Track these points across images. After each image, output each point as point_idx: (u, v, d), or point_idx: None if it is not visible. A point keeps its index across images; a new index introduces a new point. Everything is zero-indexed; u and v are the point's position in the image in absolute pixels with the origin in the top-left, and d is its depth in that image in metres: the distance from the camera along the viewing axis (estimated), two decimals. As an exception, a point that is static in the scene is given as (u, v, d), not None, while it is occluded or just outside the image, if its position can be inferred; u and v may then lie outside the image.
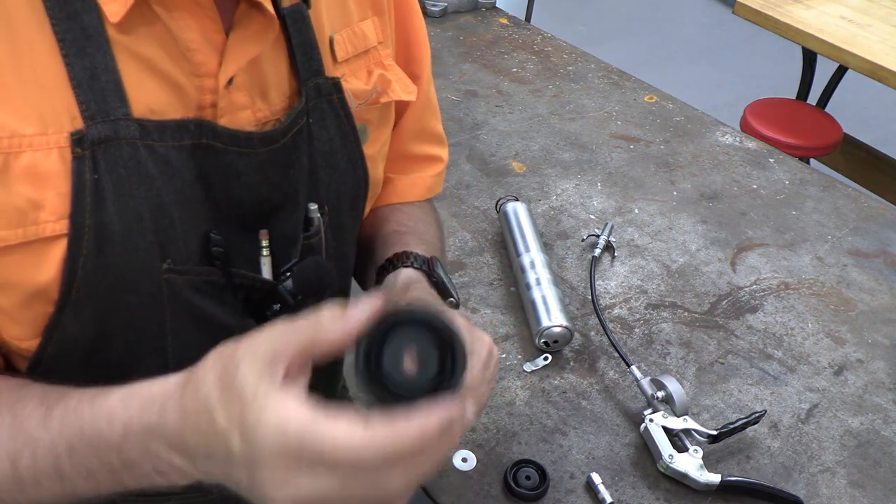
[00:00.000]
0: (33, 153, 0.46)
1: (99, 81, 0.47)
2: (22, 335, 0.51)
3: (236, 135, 0.54)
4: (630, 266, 1.27)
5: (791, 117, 2.62)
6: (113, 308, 0.51)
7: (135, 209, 0.50)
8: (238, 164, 0.55)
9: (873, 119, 3.60)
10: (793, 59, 3.01)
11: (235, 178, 0.55)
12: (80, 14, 0.47)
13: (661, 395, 0.98)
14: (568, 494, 0.90)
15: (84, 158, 0.47)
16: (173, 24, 0.51)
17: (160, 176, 0.51)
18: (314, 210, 0.61)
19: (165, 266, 0.52)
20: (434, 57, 1.85)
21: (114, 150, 0.48)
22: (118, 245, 0.49)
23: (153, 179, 0.50)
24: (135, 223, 0.50)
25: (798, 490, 0.94)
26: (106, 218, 0.48)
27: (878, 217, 1.45)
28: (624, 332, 1.14)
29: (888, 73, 2.16)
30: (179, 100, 0.52)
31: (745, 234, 1.37)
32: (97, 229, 0.48)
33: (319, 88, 0.60)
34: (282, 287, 0.59)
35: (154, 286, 0.52)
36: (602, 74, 1.86)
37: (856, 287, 1.27)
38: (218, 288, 0.56)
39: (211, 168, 0.53)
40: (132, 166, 0.49)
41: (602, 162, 1.53)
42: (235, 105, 0.55)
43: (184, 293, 0.54)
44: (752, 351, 1.13)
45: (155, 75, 0.51)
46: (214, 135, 0.53)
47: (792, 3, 2.54)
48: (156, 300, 0.53)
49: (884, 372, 1.12)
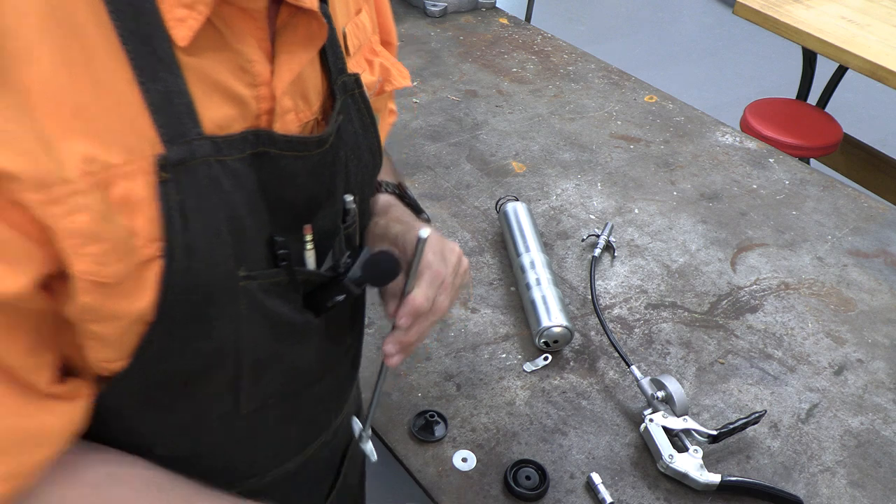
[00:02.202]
0: (125, 182, 0.47)
1: (173, 104, 0.48)
2: (112, 357, 0.52)
3: (292, 140, 0.56)
4: (630, 266, 1.27)
5: (791, 117, 2.62)
6: (196, 320, 0.53)
7: (214, 224, 0.51)
8: (293, 168, 0.56)
9: (873, 119, 3.61)
10: (793, 59, 3.01)
11: (290, 181, 0.57)
12: (152, 39, 0.47)
13: (661, 395, 0.98)
14: (568, 494, 0.90)
15: (168, 181, 0.48)
16: (233, 39, 0.51)
17: (232, 189, 0.52)
18: (350, 202, 0.64)
19: (242, 274, 0.54)
20: (434, 57, 1.85)
21: (192, 169, 0.49)
22: (203, 260, 0.51)
23: (227, 193, 0.52)
24: (215, 237, 0.51)
25: (798, 490, 0.94)
26: (192, 236, 0.50)
27: (878, 217, 1.45)
28: (624, 332, 1.14)
29: (888, 73, 2.16)
30: (241, 112, 0.53)
31: (745, 234, 1.37)
32: (185, 248, 0.49)
33: (346, 85, 0.62)
34: (347, 279, 0.62)
35: (232, 295, 0.54)
36: (602, 74, 1.86)
37: (856, 287, 1.27)
38: (283, 287, 0.58)
39: (267, 174, 0.55)
40: (209, 183, 0.50)
41: (602, 162, 1.53)
42: (284, 109, 0.56)
43: (257, 297, 0.56)
44: (752, 351, 1.13)
45: (219, 91, 0.52)
46: (272, 142, 0.54)
47: (792, 3, 2.54)
48: (234, 307, 0.55)
49: (884, 372, 1.12)
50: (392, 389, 1.01)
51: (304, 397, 0.68)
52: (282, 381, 0.64)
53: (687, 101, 1.79)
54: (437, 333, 1.09)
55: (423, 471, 0.91)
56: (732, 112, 2.67)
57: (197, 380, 0.57)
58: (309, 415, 0.72)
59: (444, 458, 0.93)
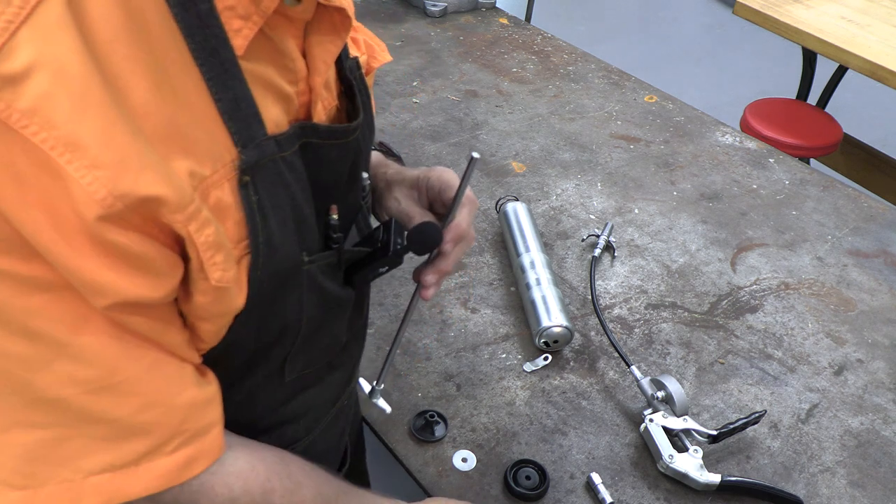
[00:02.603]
0: (216, 191, 0.50)
1: (241, 111, 0.51)
2: (205, 348, 0.57)
3: (333, 129, 0.60)
4: (630, 266, 1.27)
5: (791, 117, 2.62)
6: (272, 304, 0.58)
7: (284, 217, 0.56)
8: (330, 154, 0.61)
9: (873, 119, 3.60)
10: (793, 59, 3.01)
11: (328, 166, 0.61)
12: (218, 50, 0.50)
13: (661, 395, 0.98)
14: (568, 494, 0.90)
15: (248, 183, 0.52)
16: (278, 42, 0.55)
17: (293, 181, 0.56)
18: (366, 178, 0.69)
19: (305, 259, 0.59)
20: (434, 57, 1.85)
21: (263, 169, 0.53)
22: (279, 252, 0.55)
23: (290, 186, 0.56)
24: (286, 229, 0.56)
25: (798, 490, 0.94)
26: (270, 231, 0.54)
27: (878, 217, 1.45)
28: (624, 332, 1.14)
29: (888, 73, 2.16)
30: (288, 107, 0.57)
31: (745, 234, 1.37)
32: (266, 243, 0.54)
33: (351, 69, 0.66)
34: (393, 251, 0.66)
35: (298, 278, 0.59)
36: (602, 74, 1.86)
37: (856, 287, 1.27)
38: (333, 267, 0.63)
39: (312, 162, 0.59)
40: (277, 180, 0.55)
41: (602, 162, 1.53)
42: (318, 98, 0.60)
43: (317, 278, 0.61)
44: (752, 351, 1.13)
45: (272, 91, 0.55)
46: (315, 132, 0.58)
47: (792, 3, 2.54)
48: (299, 289, 0.60)
49: (884, 372, 1.12)
50: (392, 389, 1.01)
51: (335, 364, 0.74)
52: (320, 349, 0.69)
53: (687, 101, 1.79)
54: (437, 333, 1.09)
55: (423, 471, 0.91)
56: (732, 112, 2.67)
57: (260, 356, 0.61)
58: (337, 380, 0.76)
59: (444, 458, 0.93)
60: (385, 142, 0.91)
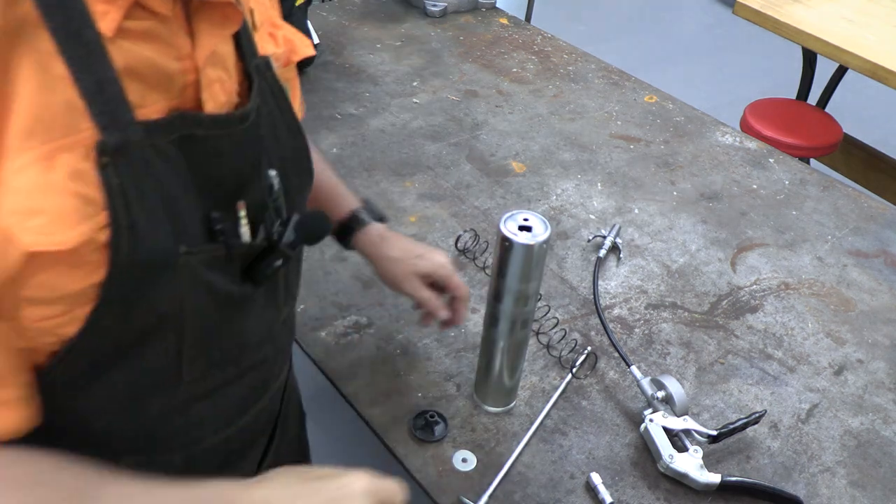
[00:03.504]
0: (68, 156, 0.50)
1: (105, 94, 0.51)
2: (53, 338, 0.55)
3: (217, 118, 0.59)
4: (630, 266, 1.27)
5: (791, 117, 2.62)
6: (139, 293, 0.56)
7: (152, 205, 0.54)
8: (220, 146, 0.60)
9: (873, 119, 3.60)
10: (793, 59, 3.01)
11: (217, 159, 0.61)
12: (81, 31, 0.50)
13: (661, 395, 0.98)
14: (568, 494, 0.90)
15: (108, 165, 0.51)
16: (156, 19, 0.55)
17: (165, 171, 0.56)
18: (273, 176, 0.67)
19: (182, 250, 0.57)
20: (434, 57, 1.85)
21: (128, 154, 0.53)
22: (146, 240, 0.54)
23: (161, 174, 0.55)
24: (154, 218, 0.55)
25: (798, 490, 0.94)
26: (133, 218, 0.53)
27: (878, 217, 1.45)
28: (624, 333, 1.14)
29: (888, 73, 2.16)
30: (169, 88, 0.57)
31: (745, 234, 1.37)
32: (129, 228, 0.53)
33: (258, 68, 0.66)
34: (282, 244, 0.66)
35: (173, 271, 0.57)
36: (602, 74, 1.86)
37: (856, 287, 1.27)
38: (221, 261, 0.62)
39: (197, 154, 0.58)
40: (144, 166, 0.54)
41: (602, 162, 1.53)
42: (210, 79, 0.60)
43: (198, 271, 0.59)
44: (752, 351, 1.13)
45: (148, 71, 0.55)
46: (198, 123, 0.58)
47: (792, 3, 2.54)
48: (175, 283, 0.58)
49: (884, 372, 1.12)
50: (392, 389, 1.01)
51: (244, 365, 0.71)
52: (224, 350, 0.67)
53: (687, 101, 1.79)
54: (437, 333, 1.09)
55: (423, 471, 0.91)
56: (732, 112, 2.67)
57: (140, 349, 0.59)
58: (249, 382, 0.74)
59: (444, 458, 0.93)
60: (368, 200, 1.00)
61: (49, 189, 0.49)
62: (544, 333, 1.10)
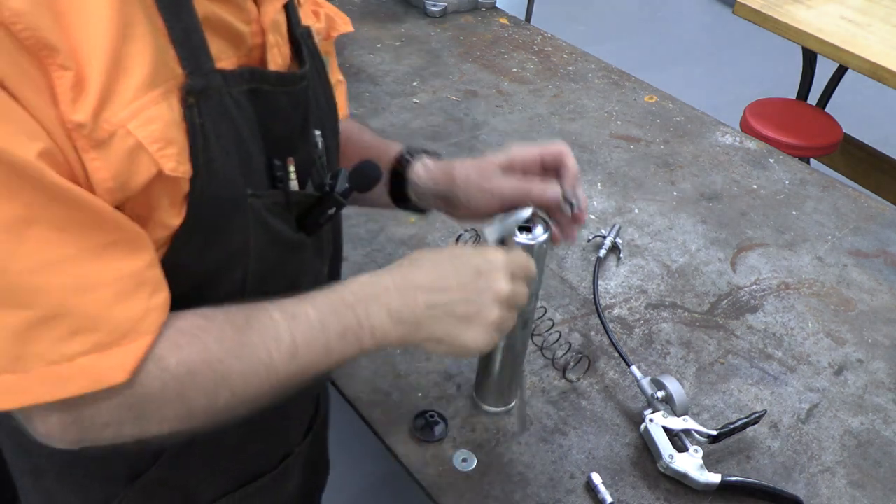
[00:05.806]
0: (164, 103, 0.55)
1: (191, 41, 0.57)
2: None
3: (283, 76, 0.66)
4: (630, 266, 1.27)
5: (791, 117, 2.62)
6: (215, 228, 0.61)
7: (226, 147, 0.59)
8: (281, 102, 0.66)
9: (873, 119, 3.60)
10: (793, 59, 3.01)
11: (278, 114, 0.66)
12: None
13: (661, 395, 0.98)
14: (568, 494, 0.90)
15: (192, 106, 0.57)
16: None
17: (238, 117, 0.61)
18: (318, 135, 0.73)
19: (249, 192, 0.62)
20: (434, 57, 1.85)
21: (209, 98, 0.58)
22: (220, 177, 0.59)
23: (234, 120, 0.60)
24: (228, 159, 0.60)
25: (798, 490, 0.94)
26: (211, 155, 0.58)
27: (878, 217, 1.45)
28: (624, 332, 1.14)
29: (888, 73, 2.16)
30: (240, 46, 0.63)
31: (745, 234, 1.37)
32: (206, 166, 0.58)
33: (302, 36, 0.72)
34: (336, 191, 0.71)
35: (242, 209, 0.62)
36: (602, 74, 1.86)
37: (856, 287, 1.27)
38: (281, 207, 0.67)
39: (261, 107, 0.64)
40: (221, 111, 0.59)
41: (602, 162, 1.53)
42: (271, 44, 0.66)
43: (262, 214, 0.64)
44: (752, 351, 1.13)
45: (224, 29, 0.61)
46: (265, 79, 0.64)
47: (792, 3, 2.54)
48: (243, 222, 0.63)
49: (884, 372, 1.12)
50: (392, 389, 1.01)
51: None
52: (279, 292, 0.69)
53: (687, 101, 1.79)
54: (437, 333, 1.09)
55: (423, 471, 0.91)
56: (732, 112, 2.67)
57: (210, 282, 0.64)
58: None
59: (444, 458, 0.93)
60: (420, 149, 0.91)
61: (174, 124, 0.55)
62: (539, 335, 1.10)
